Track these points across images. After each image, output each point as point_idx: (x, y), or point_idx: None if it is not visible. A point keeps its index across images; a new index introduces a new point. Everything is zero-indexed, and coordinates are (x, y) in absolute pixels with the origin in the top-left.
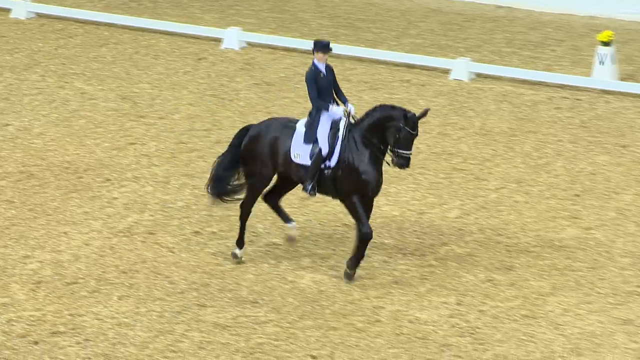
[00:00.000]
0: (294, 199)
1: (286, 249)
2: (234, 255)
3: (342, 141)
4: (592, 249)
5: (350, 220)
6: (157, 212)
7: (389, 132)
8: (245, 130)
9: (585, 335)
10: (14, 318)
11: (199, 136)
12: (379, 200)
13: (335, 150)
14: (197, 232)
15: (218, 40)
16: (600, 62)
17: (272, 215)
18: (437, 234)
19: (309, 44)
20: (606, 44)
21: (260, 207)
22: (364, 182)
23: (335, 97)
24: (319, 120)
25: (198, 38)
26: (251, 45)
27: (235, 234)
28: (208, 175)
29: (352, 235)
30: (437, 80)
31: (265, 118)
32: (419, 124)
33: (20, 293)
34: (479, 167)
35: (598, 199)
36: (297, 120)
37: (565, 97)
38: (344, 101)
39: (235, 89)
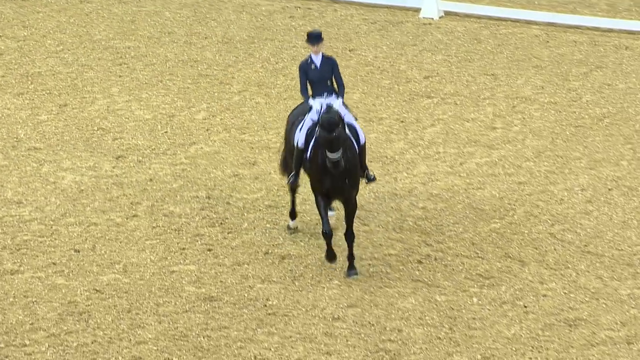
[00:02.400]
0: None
1: (47, 152)
2: (289, 227)
3: (314, 137)
4: None
5: None
6: None
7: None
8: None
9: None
10: None
11: None
12: (122, 110)
13: (310, 145)
14: None
15: None
16: None
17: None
18: (187, 135)
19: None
20: None
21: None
22: (317, 181)
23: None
24: (307, 112)
25: None
26: None
27: None
28: None
29: None
30: None
31: None
32: (334, 125)
33: None
34: (222, 72)
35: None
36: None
37: (297, 7)
38: (337, 95)
39: None
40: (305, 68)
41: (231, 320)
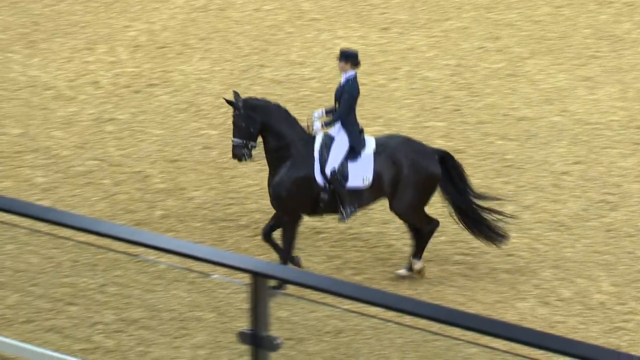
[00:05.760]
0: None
1: (325, 22)
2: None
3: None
4: (561, 23)
5: None
6: None
7: None
8: None
9: (555, 89)
10: (119, 73)
11: None
12: None
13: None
14: (256, 9)
15: None
16: None
17: None
18: (441, 11)
19: None
20: None
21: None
22: None
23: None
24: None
25: None
26: None
27: None
28: None
29: None
30: None
31: None
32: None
33: (124, 54)
34: None
35: None
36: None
37: None
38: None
39: None
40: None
41: (474, 170)
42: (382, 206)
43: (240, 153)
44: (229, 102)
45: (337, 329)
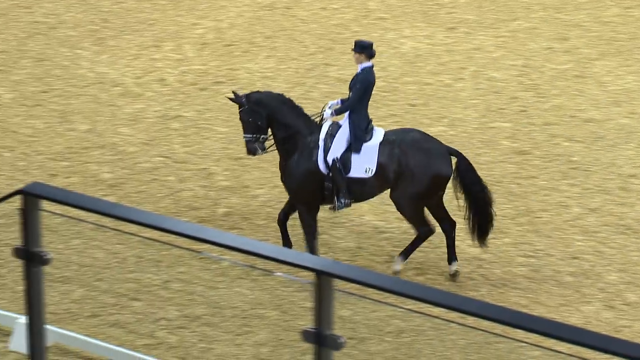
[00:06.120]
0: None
1: (391, 22)
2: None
3: None
4: (631, 24)
5: None
6: None
7: None
8: None
9: (623, 91)
10: (185, 70)
11: None
12: None
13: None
14: (323, 8)
15: None
16: None
17: None
18: (509, 11)
19: None
20: None
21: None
22: None
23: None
24: None
25: None
26: None
27: None
28: None
29: None
30: None
31: None
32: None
33: (190, 52)
34: None
35: None
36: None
37: None
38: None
39: None
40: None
41: (539, 172)
42: (448, 206)
43: (253, 148)
44: (232, 99)
45: (399, 329)
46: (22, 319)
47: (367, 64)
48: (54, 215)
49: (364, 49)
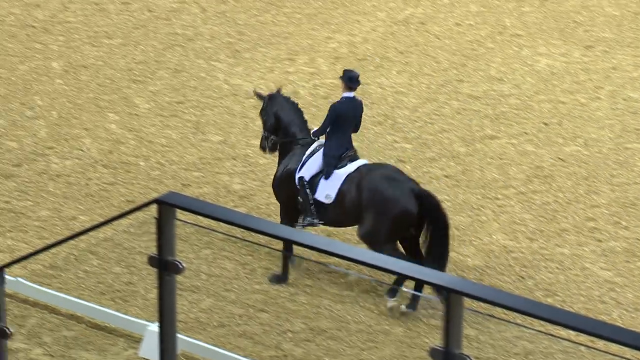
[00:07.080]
0: None
1: (527, 39)
2: None
3: None
4: None
5: None
6: (428, 7)
7: None
8: None
9: None
10: (318, 84)
11: None
12: (595, 6)
13: None
14: (457, 24)
15: None
16: None
17: None
18: None
19: None
20: None
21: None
22: None
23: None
24: None
25: None
26: None
27: None
28: None
29: None
30: None
31: None
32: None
33: (323, 65)
34: None
35: None
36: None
37: None
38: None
39: None
40: None
41: None
42: (576, 228)
43: (263, 145)
44: (258, 95)
45: (526, 350)
46: (153, 326)
47: (347, 94)
48: (186, 225)
49: (342, 78)
